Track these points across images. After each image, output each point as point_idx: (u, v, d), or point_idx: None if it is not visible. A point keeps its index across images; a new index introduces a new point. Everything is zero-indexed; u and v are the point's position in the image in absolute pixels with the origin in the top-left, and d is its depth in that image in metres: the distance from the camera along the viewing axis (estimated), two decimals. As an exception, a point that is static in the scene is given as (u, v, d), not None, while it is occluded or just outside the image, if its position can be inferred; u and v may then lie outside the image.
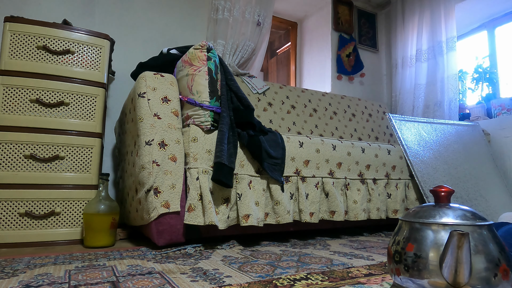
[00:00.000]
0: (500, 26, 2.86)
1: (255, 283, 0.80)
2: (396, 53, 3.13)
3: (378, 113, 2.92)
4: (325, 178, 1.61)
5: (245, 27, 2.41)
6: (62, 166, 1.44)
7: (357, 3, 3.21)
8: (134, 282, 0.81)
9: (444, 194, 0.68)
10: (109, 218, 1.36)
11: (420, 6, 2.93)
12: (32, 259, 1.09)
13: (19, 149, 1.39)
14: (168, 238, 1.25)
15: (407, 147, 1.94)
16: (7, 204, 1.35)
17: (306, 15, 3.29)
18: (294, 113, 2.47)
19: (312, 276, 0.86)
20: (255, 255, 1.16)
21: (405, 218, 0.69)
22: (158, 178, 1.24)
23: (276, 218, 1.43)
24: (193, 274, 0.89)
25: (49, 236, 1.38)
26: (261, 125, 1.56)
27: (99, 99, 1.55)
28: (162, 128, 1.30)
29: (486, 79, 2.87)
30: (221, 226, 1.29)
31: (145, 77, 1.35)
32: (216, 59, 1.46)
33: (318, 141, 1.65)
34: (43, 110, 1.45)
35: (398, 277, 0.65)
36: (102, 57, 1.58)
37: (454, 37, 2.71)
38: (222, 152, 1.29)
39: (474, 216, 0.63)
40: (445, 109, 2.67)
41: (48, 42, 1.49)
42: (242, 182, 1.38)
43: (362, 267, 0.98)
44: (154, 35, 2.27)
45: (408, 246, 0.63)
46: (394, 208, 1.80)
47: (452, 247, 0.55)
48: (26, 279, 0.84)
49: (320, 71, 3.09)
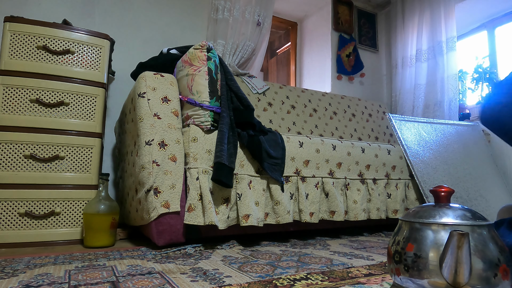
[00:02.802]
0: (500, 26, 2.86)
1: (255, 283, 0.80)
2: (396, 53, 3.13)
3: (378, 113, 2.92)
4: (325, 178, 1.61)
5: (245, 27, 2.41)
6: (62, 166, 1.44)
7: (357, 3, 3.21)
8: (134, 282, 0.81)
9: (444, 194, 0.68)
10: (109, 218, 1.36)
11: (420, 6, 2.93)
12: (32, 259, 1.09)
13: (19, 149, 1.39)
14: (168, 238, 1.25)
15: (407, 147, 1.94)
16: (7, 204, 1.35)
17: (306, 15, 3.29)
18: (294, 113, 2.47)
19: (312, 276, 0.86)
20: (255, 255, 1.16)
21: (405, 218, 0.69)
22: (158, 178, 1.24)
23: (276, 218, 1.43)
24: (193, 274, 0.89)
25: (49, 236, 1.38)
26: (261, 125, 1.56)
27: (99, 99, 1.55)
28: (162, 128, 1.30)
29: (486, 79, 2.86)
30: (221, 226, 1.29)
31: (145, 77, 1.35)
32: (216, 59, 1.46)
33: (318, 141, 1.65)
34: (43, 110, 1.45)
35: (398, 277, 0.65)
36: (102, 57, 1.58)
37: (454, 37, 2.71)
38: (222, 152, 1.29)
39: (474, 216, 0.63)
40: (445, 109, 2.67)
41: (48, 42, 1.49)
42: (242, 182, 1.38)
43: (362, 267, 0.98)
44: (154, 35, 2.27)
45: (408, 246, 0.64)
46: (394, 208, 1.80)
47: (452, 247, 0.55)
48: (26, 279, 0.84)
49: (320, 71, 3.09)
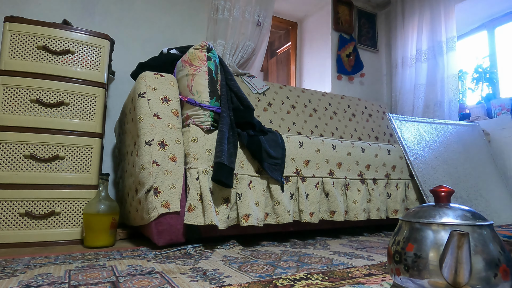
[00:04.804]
0: (500, 26, 2.86)
1: (255, 283, 0.80)
2: (396, 53, 3.13)
3: (378, 113, 2.92)
4: (325, 178, 1.61)
5: (245, 27, 2.41)
6: (62, 166, 1.44)
7: (357, 3, 3.21)
8: (134, 282, 0.81)
9: (444, 194, 0.68)
10: (109, 218, 1.36)
11: (420, 6, 2.93)
12: (32, 259, 1.09)
13: (19, 149, 1.39)
14: (168, 238, 1.25)
15: (407, 147, 1.94)
16: (7, 204, 1.35)
17: (306, 15, 3.29)
18: (294, 113, 2.47)
19: (312, 276, 0.86)
20: (255, 255, 1.16)
21: (405, 218, 0.69)
22: (158, 178, 1.24)
23: (276, 218, 1.43)
24: (193, 274, 0.89)
25: (49, 236, 1.38)
26: (261, 125, 1.56)
27: (99, 99, 1.55)
28: (162, 128, 1.30)
29: (486, 79, 2.86)
30: (221, 226, 1.29)
31: (145, 77, 1.35)
32: (216, 59, 1.46)
33: (318, 141, 1.65)
34: (43, 110, 1.45)
35: (398, 277, 0.65)
36: (102, 57, 1.58)
37: (454, 37, 2.71)
38: (222, 152, 1.29)
39: (474, 216, 0.63)
40: (445, 109, 2.67)
41: (48, 42, 1.49)
42: (242, 182, 1.38)
43: (362, 267, 0.98)
44: (154, 35, 2.27)
45: (408, 246, 0.63)
46: (394, 208, 1.80)
47: (452, 247, 0.55)
48: (26, 279, 0.84)
49: (320, 71, 3.09)
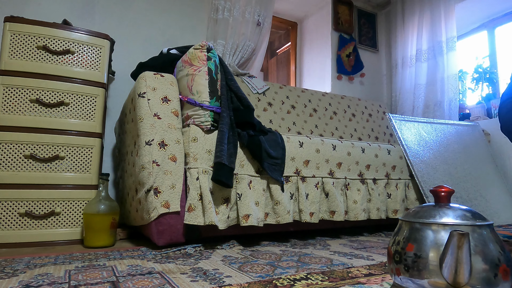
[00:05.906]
0: (500, 26, 2.86)
1: (255, 283, 0.80)
2: (396, 53, 3.13)
3: (378, 113, 2.92)
4: (325, 178, 1.61)
5: (245, 27, 2.41)
6: (62, 166, 1.44)
7: (357, 3, 3.21)
8: (134, 282, 0.81)
9: (444, 194, 0.68)
10: (109, 218, 1.36)
11: (420, 6, 2.93)
12: (32, 259, 1.09)
13: (19, 149, 1.39)
14: (168, 238, 1.25)
15: (407, 147, 1.94)
16: (7, 204, 1.35)
17: (306, 15, 3.29)
18: (294, 113, 2.47)
19: (312, 276, 0.86)
20: (255, 255, 1.16)
21: (405, 218, 0.69)
22: (158, 178, 1.24)
23: (276, 218, 1.43)
24: (193, 274, 0.89)
25: (49, 236, 1.38)
26: (261, 125, 1.56)
27: (99, 99, 1.55)
28: (162, 128, 1.30)
29: (486, 79, 2.86)
30: (221, 226, 1.29)
31: (145, 77, 1.35)
32: (216, 59, 1.46)
33: (318, 141, 1.65)
34: (43, 110, 1.45)
35: (398, 277, 0.65)
36: (102, 57, 1.58)
37: (454, 37, 2.71)
38: (222, 152, 1.29)
39: (474, 216, 0.63)
40: (445, 109, 2.67)
41: (48, 42, 1.49)
42: (242, 182, 1.38)
43: (362, 267, 0.98)
44: (154, 35, 2.27)
45: (408, 246, 0.63)
46: (394, 208, 1.80)
47: (452, 247, 0.55)
48: (26, 279, 0.84)
49: (320, 71, 3.09)
